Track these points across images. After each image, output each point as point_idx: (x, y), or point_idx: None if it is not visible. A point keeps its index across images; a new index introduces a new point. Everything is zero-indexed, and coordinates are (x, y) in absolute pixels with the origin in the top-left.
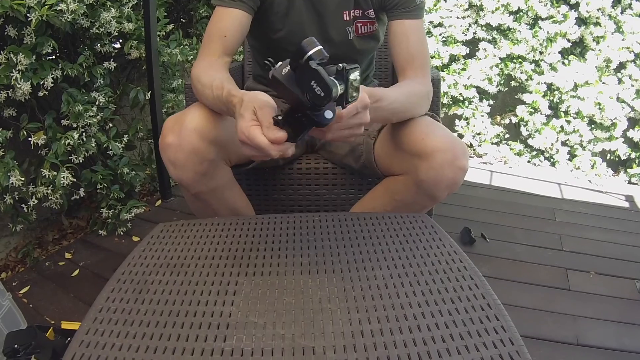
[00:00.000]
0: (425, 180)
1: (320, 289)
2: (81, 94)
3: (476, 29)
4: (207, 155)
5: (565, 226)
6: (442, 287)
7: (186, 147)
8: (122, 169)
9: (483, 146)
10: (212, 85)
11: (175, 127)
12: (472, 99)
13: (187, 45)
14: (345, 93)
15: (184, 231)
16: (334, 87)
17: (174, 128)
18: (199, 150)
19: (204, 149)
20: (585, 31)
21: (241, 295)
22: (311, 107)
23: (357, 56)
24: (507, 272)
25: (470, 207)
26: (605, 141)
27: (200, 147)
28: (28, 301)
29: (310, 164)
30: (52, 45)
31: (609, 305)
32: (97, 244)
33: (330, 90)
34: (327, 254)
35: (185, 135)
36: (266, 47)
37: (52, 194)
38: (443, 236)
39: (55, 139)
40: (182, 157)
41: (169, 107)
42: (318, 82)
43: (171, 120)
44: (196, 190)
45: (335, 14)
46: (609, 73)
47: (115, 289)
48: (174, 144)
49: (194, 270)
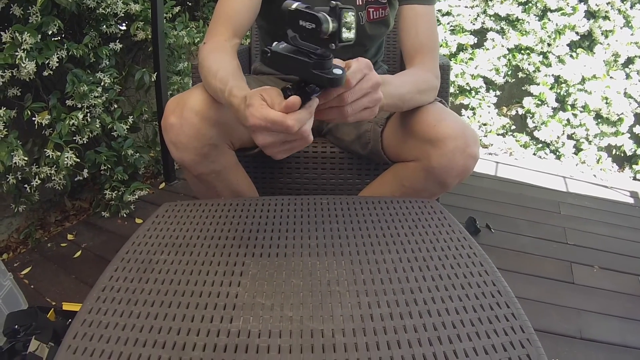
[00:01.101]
0: (436, 167)
1: (328, 272)
2: (86, 74)
3: (484, 18)
4: (208, 138)
5: (570, 219)
6: (452, 272)
7: (188, 128)
8: (127, 150)
9: (489, 137)
10: (217, 76)
11: (177, 108)
12: (479, 89)
13: (193, 27)
14: (338, 31)
15: (189, 211)
16: (323, 18)
17: (175, 109)
18: (200, 132)
19: (205, 131)
20: (594, 25)
21: (248, 276)
22: (317, 65)
23: (367, 41)
24: (512, 263)
25: (476, 197)
26: (612, 136)
27: (202, 129)
28: (29, 282)
29: (317, 147)
30: (57, 25)
31: (612, 301)
32: (100, 225)
33: (318, 19)
34: (335, 236)
35: (187, 117)
36: (275, 29)
37: (55, 175)
38: (452, 222)
39: (60, 119)
40: (183, 139)
41: (175, 90)
42: (305, 18)
43: (173, 101)
44: (198, 172)
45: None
46: (617, 67)
47: (119, 268)
48: (176, 125)
49: (199, 250)
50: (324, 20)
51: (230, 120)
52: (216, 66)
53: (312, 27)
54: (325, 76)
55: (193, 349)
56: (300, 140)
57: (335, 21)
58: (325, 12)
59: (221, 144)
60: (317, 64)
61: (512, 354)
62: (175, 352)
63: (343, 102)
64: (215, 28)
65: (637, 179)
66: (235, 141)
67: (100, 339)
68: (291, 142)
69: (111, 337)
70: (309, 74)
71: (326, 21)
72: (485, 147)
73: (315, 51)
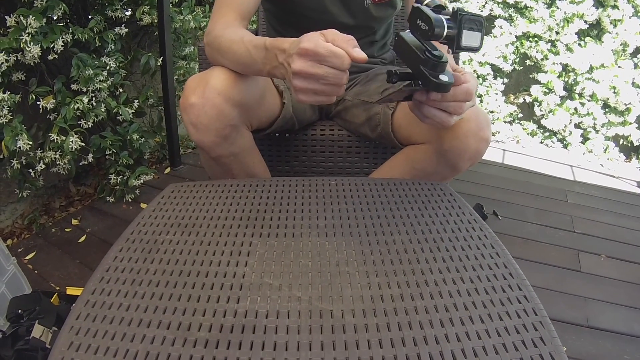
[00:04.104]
0: (448, 149)
1: (337, 252)
2: (91, 58)
3: (493, 5)
4: (230, 119)
5: (577, 208)
6: (463, 254)
7: (210, 109)
8: (132, 135)
9: (496, 124)
10: (244, 39)
11: (198, 87)
12: (486, 77)
13: (200, 12)
14: (458, 37)
15: (196, 192)
16: (438, 22)
17: (197, 88)
18: (222, 113)
19: (228, 112)
20: (602, 13)
21: (255, 256)
22: (427, 63)
23: (373, 23)
24: (519, 251)
25: (483, 184)
26: (619, 126)
27: (225, 110)
28: (33, 267)
29: (325, 130)
30: (62, 9)
31: (619, 289)
32: (105, 210)
33: (432, 24)
34: (344, 217)
35: (209, 97)
36: (283, 11)
37: (60, 159)
38: (462, 205)
39: (65, 103)
40: (205, 120)
41: (180, 75)
42: (422, 18)
43: (194, 80)
44: (216, 154)
45: None
46: (625, 57)
47: (123, 249)
48: (197, 105)
49: (205, 230)
50: (437, 24)
51: (251, 100)
52: (239, 34)
53: (426, 28)
54: (432, 79)
55: (199, 329)
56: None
57: (454, 27)
58: (448, 15)
59: (241, 125)
60: (427, 63)
61: (525, 337)
62: (180, 333)
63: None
64: (219, 12)
65: None
66: (253, 122)
67: (103, 319)
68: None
69: (114, 318)
70: (417, 69)
71: (440, 25)
72: (492, 135)
73: (433, 51)
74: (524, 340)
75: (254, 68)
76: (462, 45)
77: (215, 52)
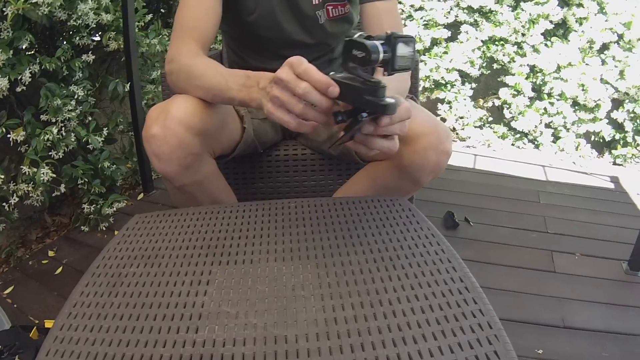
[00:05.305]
0: (408, 164)
1: (294, 276)
2: (60, 88)
3: (458, 11)
4: (192, 148)
5: (550, 208)
6: (419, 270)
7: (171, 139)
8: (103, 163)
9: (466, 130)
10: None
11: (159, 117)
12: (454, 83)
13: (166, 35)
14: (392, 59)
15: (159, 222)
16: (373, 47)
17: (158, 118)
18: (184, 143)
19: (189, 142)
20: (567, 12)
21: (214, 284)
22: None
23: (330, 40)
24: (492, 256)
25: (454, 191)
26: (590, 122)
27: (186, 140)
28: (12, 301)
29: (289, 150)
30: (29, 39)
31: (595, 287)
32: (80, 240)
33: (368, 50)
34: (302, 240)
35: (170, 127)
36: (240, 32)
37: (33, 191)
38: (421, 219)
39: (35, 134)
40: (167, 150)
41: (149, 99)
42: (357, 47)
43: (155, 110)
44: (180, 183)
45: None
46: (592, 54)
47: (89, 283)
48: (159, 136)
49: (167, 261)
50: (373, 50)
51: (211, 128)
52: (212, 63)
53: (362, 55)
54: (379, 102)
55: None
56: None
57: (389, 50)
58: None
59: (203, 153)
60: (370, 91)
61: (478, 352)
62: None
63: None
64: (180, 39)
65: (617, 163)
66: (216, 148)
67: (71, 355)
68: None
69: (81, 353)
70: (362, 100)
71: (376, 51)
72: (463, 140)
73: (370, 79)
74: (477, 355)
75: (227, 95)
76: (397, 66)
77: (182, 80)
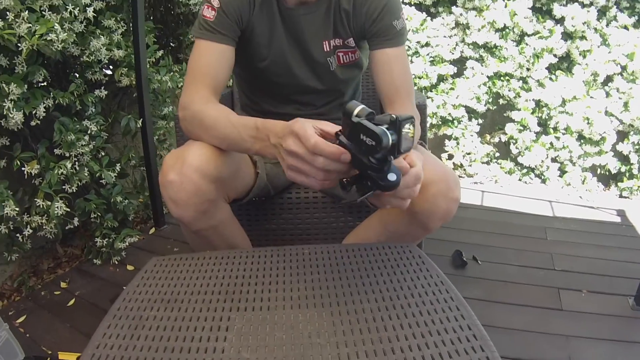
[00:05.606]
0: (419, 212)
1: (309, 324)
2: (73, 122)
3: (463, 47)
4: (208, 195)
5: (557, 245)
6: (429, 319)
7: (188, 186)
8: (116, 197)
9: (473, 166)
10: (230, 118)
11: (176, 164)
12: (461, 119)
13: (177, 71)
14: (398, 143)
15: (177, 265)
16: (384, 136)
17: (175, 165)
18: (201, 190)
19: (206, 189)
20: (571, 45)
21: (233, 330)
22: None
23: (340, 86)
24: (499, 294)
25: (462, 229)
26: (595, 156)
27: (203, 187)
28: (25, 330)
29: (300, 193)
30: (43, 74)
31: (601, 324)
32: (93, 272)
33: (379, 139)
34: (317, 287)
35: (187, 174)
36: (252, 77)
37: (46, 224)
38: (430, 267)
39: (49, 168)
40: (183, 196)
41: (160, 135)
42: (366, 134)
43: (172, 157)
44: (196, 228)
45: (315, 45)
46: (597, 87)
47: (111, 325)
48: (176, 183)
49: (187, 305)
50: (384, 138)
51: (226, 174)
52: (223, 111)
53: (372, 144)
54: (380, 182)
55: None
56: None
57: (394, 134)
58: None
59: (219, 199)
60: (375, 169)
61: None
62: None
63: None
64: (193, 86)
65: (623, 196)
66: (231, 193)
67: None
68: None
69: None
70: (366, 173)
71: (386, 136)
72: (470, 177)
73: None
74: None
75: (242, 146)
76: (402, 150)
77: (195, 127)
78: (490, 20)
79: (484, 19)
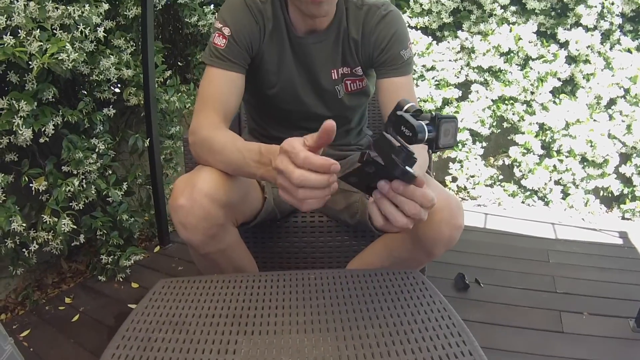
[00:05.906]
0: (422, 238)
1: (315, 348)
2: (81, 140)
3: (468, 71)
4: (217, 219)
5: (559, 267)
6: (432, 344)
7: (197, 210)
8: (122, 215)
9: (477, 188)
10: (236, 143)
11: (186, 189)
12: (465, 142)
13: (184, 91)
14: (437, 138)
15: (185, 288)
16: (420, 128)
17: (185, 190)
18: (210, 215)
19: (215, 213)
20: (575, 69)
21: (240, 354)
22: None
23: (348, 112)
24: (502, 317)
25: (465, 251)
26: (598, 178)
27: (212, 212)
28: (29, 345)
29: (306, 217)
30: (52, 92)
31: (602, 346)
32: (97, 289)
33: (416, 131)
34: (322, 312)
35: (197, 199)
36: (261, 103)
37: (52, 240)
38: (433, 292)
39: (56, 185)
40: (193, 220)
41: (167, 154)
42: (406, 126)
43: (182, 182)
44: (205, 251)
45: (323, 73)
46: (600, 110)
47: (120, 346)
48: (186, 207)
49: (195, 328)
50: (419, 130)
51: (235, 199)
52: (231, 137)
53: (409, 134)
54: (400, 165)
55: None
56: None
57: (433, 130)
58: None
59: (227, 223)
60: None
61: None
62: None
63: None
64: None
65: (625, 218)
66: (238, 217)
67: None
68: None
69: None
70: (389, 157)
71: (422, 131)
72: (473, 199)
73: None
74: None
75: (247, 170)
76: (440, 145)
77: (205, 152)
78: (495, 44)
79: (489, 43)
